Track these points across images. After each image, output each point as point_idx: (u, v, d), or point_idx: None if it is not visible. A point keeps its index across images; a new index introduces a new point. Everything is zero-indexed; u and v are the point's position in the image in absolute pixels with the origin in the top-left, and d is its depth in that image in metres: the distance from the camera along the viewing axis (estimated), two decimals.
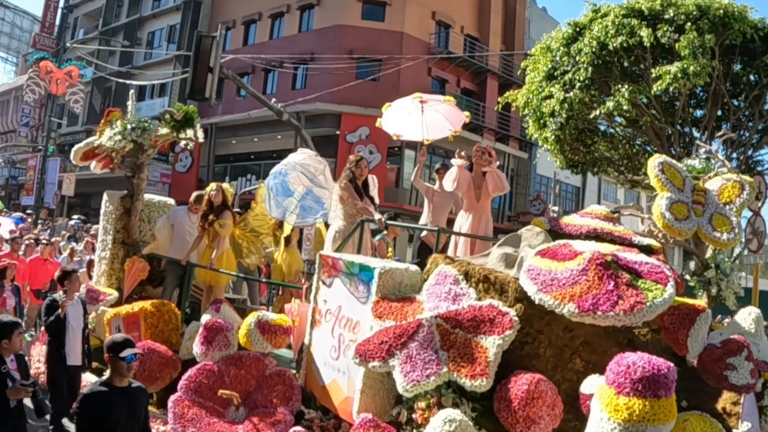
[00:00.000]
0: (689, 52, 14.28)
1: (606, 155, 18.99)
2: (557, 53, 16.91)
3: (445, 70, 31.88)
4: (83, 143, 8.71)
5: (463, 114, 7.38)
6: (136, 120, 8.29)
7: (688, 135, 17.71)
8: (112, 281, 8.59)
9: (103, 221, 8.84)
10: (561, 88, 16.58)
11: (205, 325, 6.70)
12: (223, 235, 7.78)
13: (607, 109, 15.58)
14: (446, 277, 5.65)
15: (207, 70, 13.82)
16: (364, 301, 5.79)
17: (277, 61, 31.24)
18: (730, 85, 16.50)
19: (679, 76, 14.22)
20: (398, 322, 5.44)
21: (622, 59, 16.18)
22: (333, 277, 6.19)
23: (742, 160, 17.75)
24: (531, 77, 17.88)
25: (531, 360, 5.31)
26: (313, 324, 6.36)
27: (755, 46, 15.25)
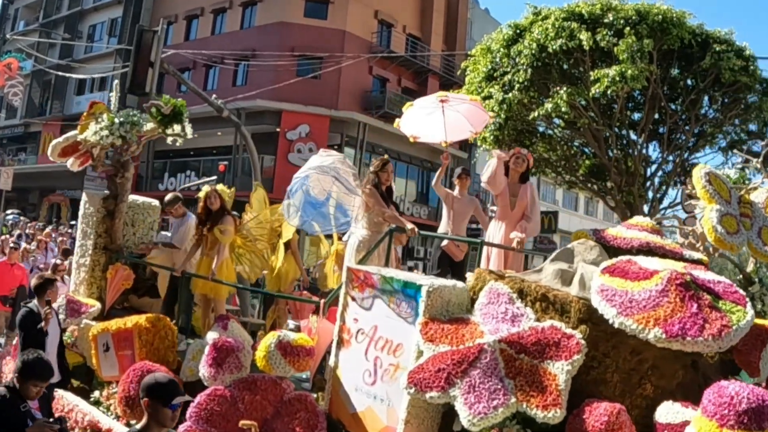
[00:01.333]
0: (628, 56, 14.09)
1: (544, 156, 18.72)
2: (497, 54, 16.56)
3: (387, 69, 31.33)
4: (62, 138, 7.60)
5: (487, 114, 6.70)
6: (124, 114, 7.26)
7: (626, 137, 17.61)
8: (93, 290, 7.49)
9: (83, 224, 7.72)
10: (500, 89, 16.22)
11: (213, 344, 5.79)
12: (224, 242, 6.83)
13: (545, 111, 15.29)
14: (499, 296, 4.96)
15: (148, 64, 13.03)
16: (409, 322, 5.04)
17: (218, 57, 30.11)
18: (668, 89, 16.39)
19: (617, 79, 14.04)
20: (454, 347, 4.71)
21: (562, 62, 15.94)
22: (365, 293, 5.40)
23: (678, 162, 17.83)
24: (471, 78, 17.48)
25: (598, 386, 4.68)
26: (340, 344, 5.54)
27: (693, 51, 15.16)
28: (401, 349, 5.06)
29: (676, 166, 17.87)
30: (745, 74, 14.86)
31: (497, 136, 17.04)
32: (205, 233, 6.86)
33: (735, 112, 16.30)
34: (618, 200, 17.87)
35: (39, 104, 39.76)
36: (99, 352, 6.61)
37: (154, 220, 8.07)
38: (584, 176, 19.09)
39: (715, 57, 14.69)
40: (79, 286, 7.57)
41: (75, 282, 7.62)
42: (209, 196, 6.91)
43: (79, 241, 7.74)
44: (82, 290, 7.52)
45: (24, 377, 4.39)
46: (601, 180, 18.74)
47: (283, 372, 5.50)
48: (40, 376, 4.44)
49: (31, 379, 4.38)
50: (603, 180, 18.60)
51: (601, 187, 19.00)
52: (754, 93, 15.69)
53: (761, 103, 15.54)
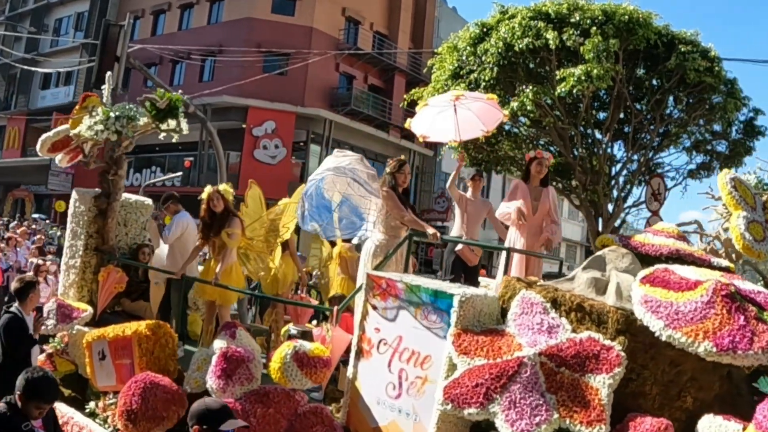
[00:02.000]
0: (594, 55, 13.84)
1: (509, 154, 18.36)
2: (464, 53, 16.19)
3: (354, 67, 30.91)
4: (52, 132, 7.03)
5: (501, 113, 6.39)
6: (120, 108, 6.75)
7: (591, 136, 17.46)
8: (84, 294, 6.96)
9: (72, 224, 7.14)
10: (466, 87, 15.65)
11: (222, 354, 5.37)
12: (231, 246, 6.34)
13: (511, 109, 14.73)
14: (533, 305, 4.67)
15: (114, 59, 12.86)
16: (439, 333, 4.72)
17: (184, 53, 29.36)
18: (633, 89, 16.24)
19: (582, 78, 13.80)
20: (491, 360, 4.42)
21: (528, 61, 15.67)
22: (388, 301, 5.05)
23: (643, 162, 17.71)
24: (437, 75, 17.04)
25: (636, 399, 4.45)
26: (360, 355, 5.19)
27: (659, 51, 14.97)
28: (430, 362, 4.74)
29: (640, 165, 17.73)
30: (710, 75, 14.69)
31: None
32: (212, 237, 6.42)
33: (699, 113, 16.13)
34: (583, 199, 17.76)
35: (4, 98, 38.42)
36: (94, 361, 6.11)
37: (146, 220, 7.57)
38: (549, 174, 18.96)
39: (681, 58, 14.53)
40: (68, 289, 7.03)
41: (64, 284, 7.08)
42: (212, 198, 6.41)
43: (68, 242, 7.17)
44: (71, 293, 6.99)
45: (27, 397, 3.92)
46: (566, 178, 18.50)
47: (300, 385, 5.12)
48: (45, 396, 3.98)
49: (34, 400, 3.92)
50: (568, 178, 18.39)
51: (565, 186, 18.76)
52: (719, 94, 15.52)
53: (726, 103, 15.35)
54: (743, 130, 17.03)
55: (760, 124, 17.05)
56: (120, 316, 7.06)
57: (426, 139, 6.75)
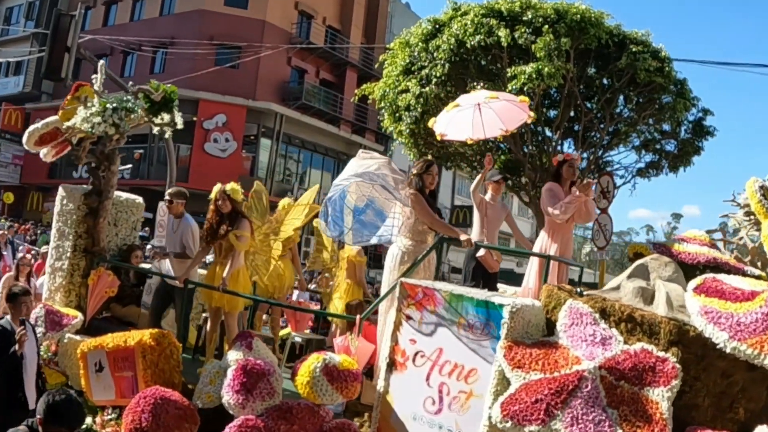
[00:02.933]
0: (545, 53, 13.87)
1: (460, 151, 18.16)
2: (415, 48, 16.08)
3: (306, 61, 30.41)
4: (41, 124, 6.35)
5: (526, 114, 6.10)
6: (117, 99, 6.13)
7: (541, 134, 17.46)
8: (71, 298, 6.33)
9: (59, 223, 6.47)
10: (417, 83, 15.71)
11: (241, 367, 4.90)
12: (239, 249, 5.82)
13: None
14: (582, 316, 4.40)
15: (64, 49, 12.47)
16: (486, 346, 4.40)
17: (136, 44, 28.35)
18: (584, 88, 16.26)
19: (533, 76, 13.83)
20: (548, 374, 4.13)
21: (480, 58, 15.56)
22: (426, 311, 4.70)
23: (592, 160, 17.74)
24: (388, 71, 16.91)
25: (690, 411, 4.23)
26: (392, 367, 4.80)
27: (610, 51, 15.02)
28: (475, 375, 4.41)
29: (590, 163, 17.71)
30: (660, 75, 14.82)
31: (413, 129, 16.64)
32: (219, 239, 5.91)
33: (649, 112, 16.27)
34: (532, 196, 17.72)
35: None
36: (89, 372, 5.53)
37: (137, 219, 6.94)
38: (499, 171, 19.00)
39: (632, 57, 14.61)
40: (54, 293, 6.38)
41: (50, 288, 6.42)
42: (218, 198, 5.88)
43: (54, 243, 6.48)
44: (58, 298, 6.34)
45: (49, 421, 3.43)
46: (515, 175, 18.38)
47: (330, 400, 4.72)
48: (68, 421, 3.48)
49: (56, 425, 3.43)
50: (518, 175, 18.29)
51: (515, 183, 18.61)
52: (669, 94, 15.68)
53: (675, 103, 15.53)
54: (692, 130, 17.24)
55: (709, 124, 17.32)
56: (110, 323, 6.47)
57: (443, 137, 6.41)
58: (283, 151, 30.48)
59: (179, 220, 6.44)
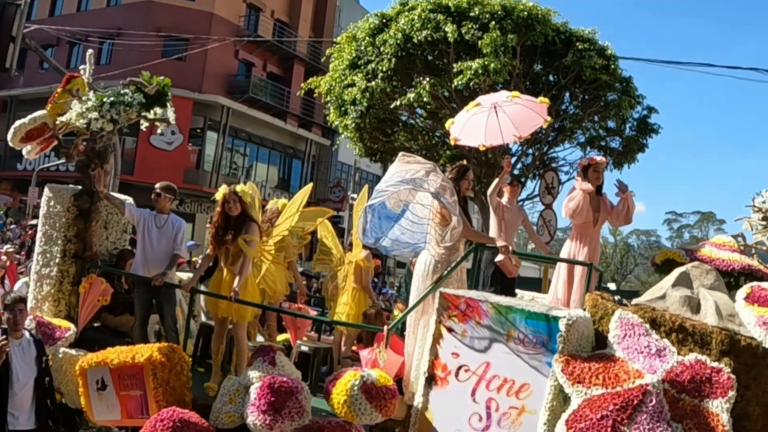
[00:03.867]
0: (491, 50, 13.90)
1: (405, 145, 17.95)
2: (362, 43, 15.92)
3: (253, 54, 29.71)
4: (28, 120, 5.68)
5: (542, 118, 5.89)
6: (113, 93, 5.56)
7: None
8: (61, 308, 5.69)
9: (46, 226, 5.81)
10: (363, 77, 15.60)
11: (268, 385, 4.50)
12: (250, 255, 5.33)
13: (408, 101, 14.85)
14: (633, 327, 4.24)
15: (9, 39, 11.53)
16: (539, 360, 4.17)
17: (82, 35, 27.09)
18: (530, 84, 16.19)
19: (480, 72, 13.85)
20: (610, 389, 3.94)
21: (426, 53, 15.53)
22: (470, 323, 4.43)
23: (538, 156, 17.90)
24: (335, 65, 16.73)
25: (741, 421, 4.13)
26: (432, 382, 4.53)
27: (556, 48, 15.10)
28: (527, 390, 4.18)
29: (535, 159, 17.93)
30: (605, 73, 14.93)
31: (359, 123, 16.55)
32: (227, 244, 5.49)
33: (594, 109, 16.42)
34: (477, 191, 17.88)
35: None
36: (90, 390, 4.98)
37: (128, 221, 6.40)
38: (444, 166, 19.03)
39: (578, 55, 14.69)
40: (41, 302, 5.73)
41: (36, 297, 5.74)
42: (228, 200, 5.34)
43: (40, 247, 5.81)
44: (46, 307, 5.70)
45: None
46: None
47: (370, 420, 4.37)
48: None
49: None
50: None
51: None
52: (614, 91, 15.80)
53: (620, 101, 15.62)
54: (637, 128, 17.42)
55: (653, 122, 17.51)
56: (102, 333, 5.91)
57: (456, 142, 6.17)
58: (229, 144, 29.79)
59: (166, 216, 5.92)
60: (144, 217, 5.96)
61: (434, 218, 4.85)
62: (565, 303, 5.07)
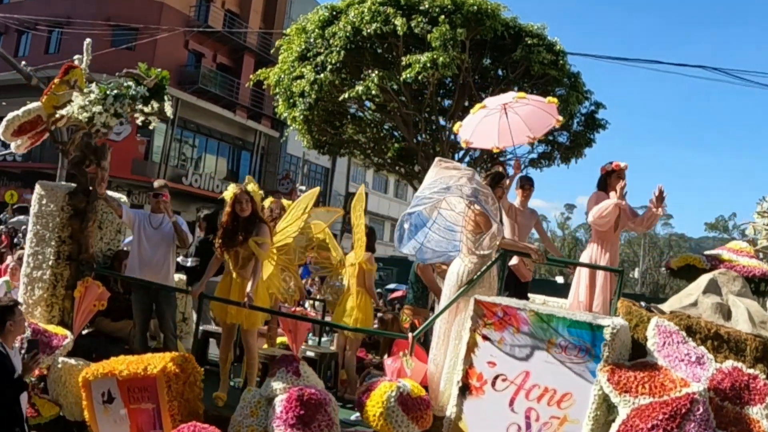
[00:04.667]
0: (440, 43, 13.90)
1: (354, 138, 18.25)
2: (312, 35, 15.78)
3: (203, 45, 29.14)
4: (21, 112, 5.20)
5: (554, 119, 5.83)
6: (116, 85, 5.18)
7: (435, 123, 17.46)
8: (54, 314, 5.27)
9: (37, 226, 5.35)
10: (312, 69, 15.47)
11: (296, 398, 4.26)
12: (262, 258, 5.03)
13: (356, 93, 14.75)
14: (671, 335, 4.22)
15: None
16: (582, 369, 4.09)
17: (31, 23, 26.15)
18: (479, 78, 16.33)
19: (428, 65, 13.83)
20: (657, 398, 3.90)
21: (375, 46, 15.48)
22: (508, 332, 4.30)
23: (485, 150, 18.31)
24: (284, 57, 16.56)
25: None
26: (467, 391, 4.41)
27: (505, 42, 15.13)
28: (570, 400, 4.09)
29: (483, 152, 17.59)
30: (554, 68, 15.06)
31: (307, 116, 16.43)
32: (237, 247, 5.21)
33: None
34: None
35: None
36: (95, 403, 4.62)
37: (122, 221, 6.02)
38: (392, 159, 18.73)
39: (527, 50, 14.76)
40: (33, 308, 5.28)
41: (26, 302, 5.27)
42: (240, 200, 5.03)
43: (31, 249, 5.36)
44: (38, 313, 5.26)
45: None
46: (408, 164, 18.44)
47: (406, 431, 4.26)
48: None
49: None
50: (411, 164, 18.32)
51: (408, 171, 18.66)
52: (563, 86, 15.91)
53: (568, 96, 15.69)
54: (584, 123, 17.60)
55: (601, 117, 17.73)
56: (97, 340, 5.54)
57: (468, 145, 6.06)
58: (178, 135, 29.03)
59: (161, 216, 5.65)
60: (138, 218, 5.64)
61: (467, 225, 4.72)
62: (588, 307, 5.02)
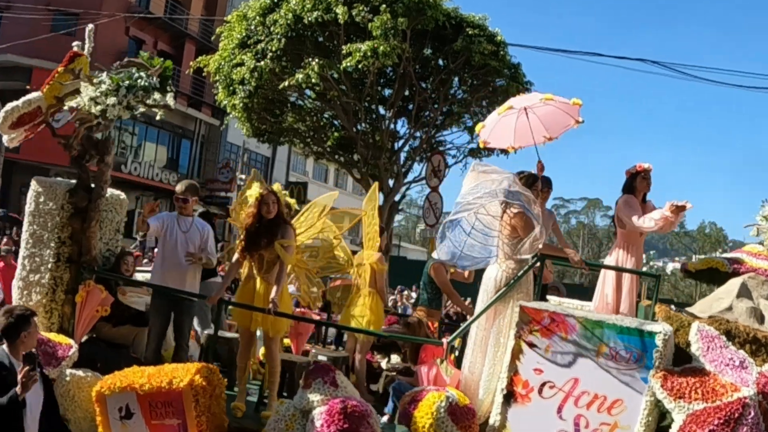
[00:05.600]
0: (381, 32, 13.92)
1: (293, 126, 18.17)
2: (253, 22, 15.62)
3: (144, 31, 28.32)
4: (21, 103, 4.70)
5: (573, 119, 5.81)
6: (127, 75, 4.77)
7: (375, 112, 17.51)
8: (53, 320, 4.83)
9: (34, 226, 4.87)
10: (253, 56, 15.34)
11: (339, 410, 4.05)
12: (288, 262, 4.72)
13: (296, 81, 14.69)
14: (713, 339, 4.29)
15: None
16: (633, 375, 4.08)
17: None
18: (419, 68, 16.38)
19: (369, 54, 13.88)
20: (710, 403, 3.95)
21: (317, 34, 15.45)
22: (555, 339, 4.24)
23: (425, 139, 17.98)
24: (225, 44, 16.34)
25: None
26: (512, 399, 4.34)
27: (446, 33, 15.18)
28: (620, 406, 4.06)
29: (422, 142, 18.03)
30: (494, 59, 15.20)
31: (247, 103, 16.26)
32: (261, 250, 4.92)
33: (483, 94, 16.62)
34: (364, 173, 17.59)
35: None
36: (110, 419, 4.26)
37: (121, 220, 5.47)
38: (332, 148, 18.68)
39: (467, 40, 14.85)
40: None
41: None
42: (266, 201, 4.71)
43: (27, 250, 4.87)
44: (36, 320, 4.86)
45: None
46: (348, 152, 18.41)
47: None
48: None
49: None
50: (350, 152, 18.30)
51: (347, 159, 18.65)
52: (503, 77, 16.03)
53: (508, 86, 15.68)
54: None
55: None
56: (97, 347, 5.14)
57: (486, 145, 5.99)
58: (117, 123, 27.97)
59: (191, 219, 5.27)
60: (166, 223, 5.28)
61: (503, 230, 4.65)
62: (615, 310, 5.04)
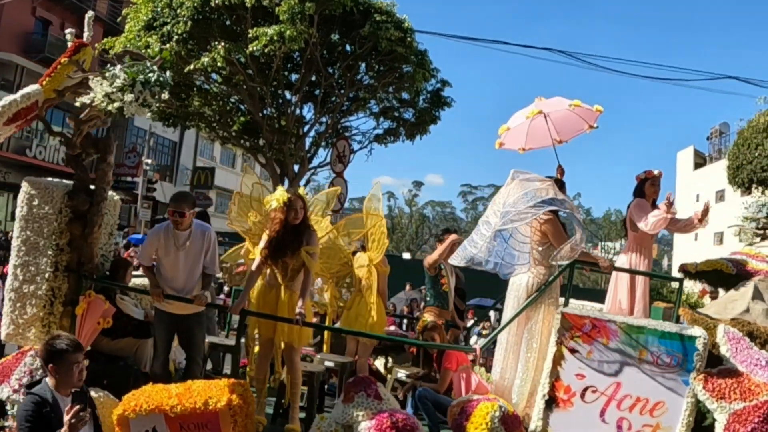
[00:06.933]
0: (288, 17, 13.94)
1: (200, 111, 17.85)
2: (159, 4, 15.28)
3: (51, 12, 26.80)
4: (19, 97, 4.03)
5: (586, 125, 5.88)
6: (140, 69, 4.27)
7: (281, 97, 17.46)
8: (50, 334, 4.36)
9: (27, 231, 4.32)
10: (158, 39, 14.94)
11: (390, 425, 3.93)
12: (312, 269, 4.46)
13: (202, 65, 14.53)
14: (739, 341, 4.50)
15: None
16: (674, 378, 4.20)
17: None
18: (327, 53, 16.45)
19: (275, 38, 13.89)
20: (748, 402, 4.14)
21: (224, 17, 15.24)
22: (596, 344, 4.28)
23: (331, 124, 18.09)
24: (131, 26, 15.86)
25: None
26: (553, 404, 4.36)
27: (354, 18, 15.22)
28: (662, 408, 4.17)
29: (328, 127, 18.12)
30: (401, 45, 15.32)
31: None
32: (285, 257, 4.60)
33: (389, 80, 16.72)
34: (269, 158, 17.45)
35: None
36: None
37: (114, 223, 4.97)
38: (238, 132, 18.41)
39: (375, 26, 14.93)
40: (25, 328, 4.29)
41: (15, 322, 4.27)
42: (294, 207, 4.42)
43: (20, 258, 4.32)
44: (32, 334, 4.27)
45: None
46: (253, 137, 18.21)
47: None
48: None
49: None
50: (255, 137, 18.13)
51: (253, 144, 18.44)
52: (409, 64, 16.23)
53: (414, 73, 16.10)
54: (430, 100, 18.07)
55: (446, 95, 18.24)
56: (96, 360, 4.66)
57: (501, 146, 6.03)
58: None
59: (186, 233, 4.71)
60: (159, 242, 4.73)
61: (533, 236, 4.66)
62: (629, 313, 5.19)
